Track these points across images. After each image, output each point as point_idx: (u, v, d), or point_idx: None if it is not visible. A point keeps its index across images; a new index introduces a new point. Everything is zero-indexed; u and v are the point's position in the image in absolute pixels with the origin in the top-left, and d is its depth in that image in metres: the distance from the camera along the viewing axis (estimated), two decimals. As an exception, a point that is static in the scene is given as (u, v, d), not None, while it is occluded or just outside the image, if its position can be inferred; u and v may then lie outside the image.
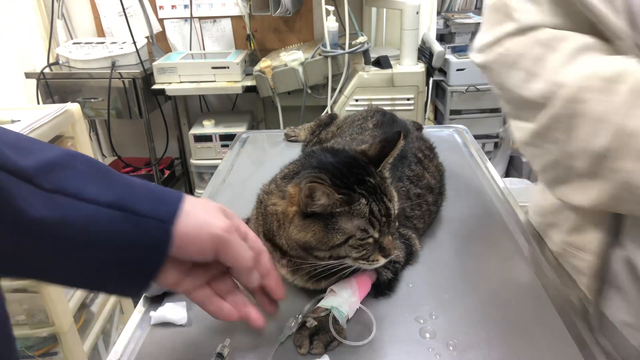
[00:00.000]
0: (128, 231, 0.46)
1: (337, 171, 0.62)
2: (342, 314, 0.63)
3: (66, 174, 0.45)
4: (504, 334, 0.64)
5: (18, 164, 0.42)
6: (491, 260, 0.79)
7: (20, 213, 0.41)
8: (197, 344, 0.64)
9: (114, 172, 0.49)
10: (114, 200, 0.46)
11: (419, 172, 0.84)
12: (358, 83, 2.10)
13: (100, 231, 0.45)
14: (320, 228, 0.61)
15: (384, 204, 0.62)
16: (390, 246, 0.63)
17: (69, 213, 0.43)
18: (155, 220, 0.47)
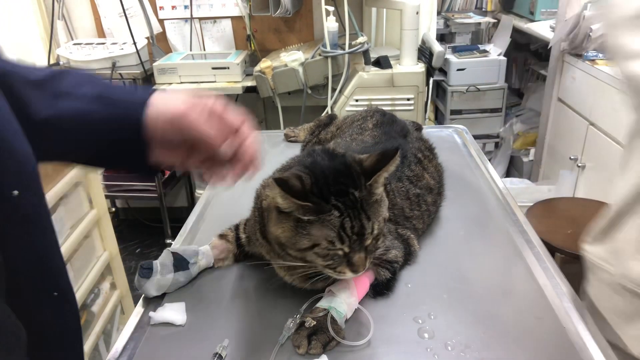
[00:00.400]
0: (109, 117, 0.56)
1: (323, 177, 0.60)
2: (340, 314, 0.63)
3: (64, 80, 0.57)
4: (502, 334, 0.64)
5: (32, 75, 0.55)
6: (490, 260, 0.79)
7: (31, 116, 0.54)
8: (196, 344, 0.64)
9: (99, 78, 0.60)
10: (98, 93, 0.57)
11: (418, 173, 0.84)
12: (358, 83, 2.10)
13: (89, 120, 0.56)
14: (290, 227, 0.61)
15: (359, 221, 0.59)
16: (360, 263, 0.61)
17: (65, 109, 0.55)
18: (130, 103, 0.57)
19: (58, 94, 0.56)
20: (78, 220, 1.65)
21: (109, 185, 2.62)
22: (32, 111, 0.54)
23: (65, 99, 0.56)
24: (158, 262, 0.72)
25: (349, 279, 0.67)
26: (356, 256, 0.61)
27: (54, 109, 0.55)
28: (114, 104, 0.57)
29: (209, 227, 0.91)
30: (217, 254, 0.78)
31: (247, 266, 0.79)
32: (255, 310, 0.69)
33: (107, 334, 1.83)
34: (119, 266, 1.89)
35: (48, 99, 0.56)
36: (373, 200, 0.62)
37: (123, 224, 3.11)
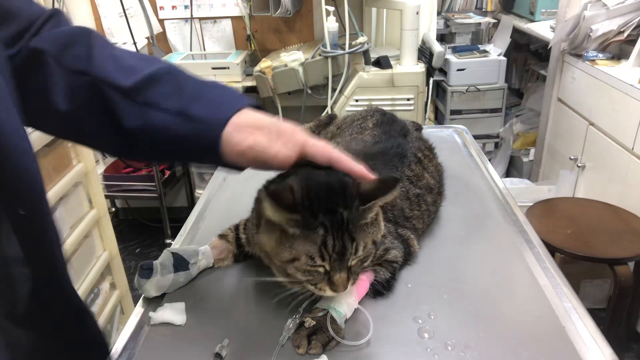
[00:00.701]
0: (186, 134, 0.58)
1: (315, 191, 0.59)
2: (339, 314, 0.63)
3: (153, 89, 0.59)
4: (502, 334, 0.64)
5: (122, 82, 0.58)
6: (490, 260, 0.79)
7: (120, 122, 0.58)
8: (195, 344, 0.64)
9: (189, 83, 0.62)
10: (180, 109, 0.58)
11: (418, 172, 0.84)
12: (358, 83, 2.10)
13: (169, 134, 0.58)
14: (275, 238, 0.61)
15: (341, 242, 0.58)
16: (340, 283, 0.60)
17: (150, 121, 0.58)
18: (207, 124, 0.59)
19: (145, 104, 0.58)
20: (78, 220, 1.65)
21: (108, 185, 2.62)
22: (122, 120, 0.58)
23: (152, 110, 0.58)
24: (158, 262, 0.72)
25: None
26: (337, 275, 0.60)
27: (141, 120, 0.58)
28: (193, 122, 0.58)
29: (208, 227, 0.91)
30: (217, 254, 0.78)
31: (247, 266, 0.79)
32: (255, 310, 0.69)
33: (107, 334, 1.83)
34: (118, 266, 1.90)
35: (136, 109, 0.58)
36: (362, 222, 0.61)
37: (123, 223, 3.11)
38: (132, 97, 0.58)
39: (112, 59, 0.60)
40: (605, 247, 1.66)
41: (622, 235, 1.70)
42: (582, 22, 2.11)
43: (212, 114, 0.59)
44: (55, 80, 0.58)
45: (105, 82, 0.58)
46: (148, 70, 0.60)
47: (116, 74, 0.58)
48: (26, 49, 0.58)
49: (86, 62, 0.59)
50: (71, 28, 0.63)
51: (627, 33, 2.05)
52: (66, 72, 0.58)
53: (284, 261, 0.60)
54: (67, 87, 0.58)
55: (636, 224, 1.74)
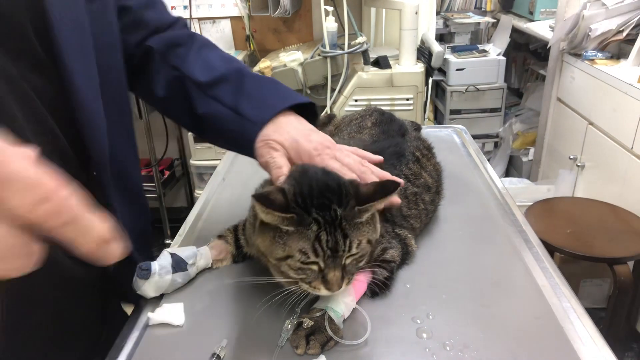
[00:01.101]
0: (233, 127, 0.73)
1: (308, 188, 0.60)
2: (337, 314, 0.63)
3: (222, 86, 0.75)
4: (501, 334, 0.64)
5: (200, 79, 0.75)
6: (489, 260, 0.79)
7: (194, 109, 0.75)
8: (194, 344, 0.64)
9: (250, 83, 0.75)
10: (234, 105, 0.73)
11: (416, 171, 0.84)
12: (357, 83, 2.10)
13: (224, 121, 0.74)
14: (270, 237, 0.61)
15: (334, 238, 0.59)
16: (334, 281, 0.60)
17: (213, 111, 0.74)
18: (251, 122, 0.71)
19: (212, 97, 0.74)
20: (77, 221, 1.65)
21: (108, 186, 2.62)
22: (195, 108, 0.75)
23: (215, 103, 0.74)
24: (156, 263, 0.72)
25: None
26: (331, 273, 0.60)
27: (207, 109, 0.74)
28: (240, 117, 0.72)
29: (208, 228, 0.91)
30: (215, 255, 0.78)
31: (245, 267, 0.79)
32: (254, 311, 0.69)
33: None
34: (118, 267, 1.89)
35: (205, 100, 0.74)
36: (357, 221, 0.61)
37: (122, 224, 3.11)
38: (204, 90, 0.74)
39: (200, 59, 0.77)
40: (605, 246, 1.66)
41: (621, 235, 1.71)
42: (581, 22, 2.11)
43: (256, 115, 0.72)
44: (158, 72, 0.77)
45: (188, 77, 0.75)
46: (222, 70, 0.76)
47: (198, 72, 0.75)
48: (144, 46, 0.77)
49: (181, 60, 0.76)
50: (180, 32, 0.81)
51: (626, 32, 2.05)
52: (167, 67, 0.77)
53: (278, 259, 0.61)
54: (165, 78, 0.77)
55: (636, 224, 1.74)
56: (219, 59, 0.78)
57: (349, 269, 0.62)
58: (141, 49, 0.77)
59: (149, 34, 0.78)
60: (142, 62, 0.78)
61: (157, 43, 0.77)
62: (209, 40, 0.82)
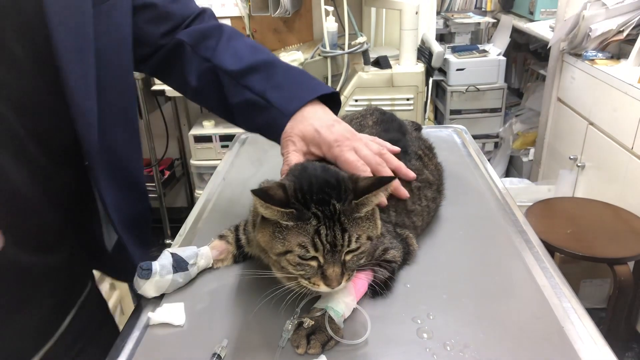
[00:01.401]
0: (264, 114, 0.77)
1: (308, 184, 0.61)
2: (337, 314, 0.63)
3: (253, 76, 0.78)
4: (502, 334, 0.64)
5: (231, 68, 0.78)
6: (489, 260, 0.79)
7: (226, 99, 0.80)
8: (194, 344, 0.64)
9: (280, 73, 0.79)
10: (263, 92, 0.77)
11: (419, 167, 0.84)
12: (357, 83, 2.10)
13: (254, 109, 0.78)
14: (270, 232, 0.62)
15: (333, 232, 0.59)
16: (334, 277, 0.60)
17: (244, 98, 0.78)
18: (279, 111, 0.76)
19: (244, 86, 0.78)
20: (77, 221, 1.65)
21: (108, 186, 2.62)
22: (227, 96, 0.79)
23: (246, 91, 0.77)
24: (157, 263, 0.72)
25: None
26: (330, 269, 0.60)
27: (239, 97, 0.78)
28: (270, 106, 0.76)
29: (208, 228, 0.91)
30: (216, 255, 0.78)
31: (246, 267, 0.79)
32: (254, 311, 0.69)
33: (106, 334, 1.83)
34: (118, 266, 1.89)
35: (238, 88, 0.78)
36: (356, 216, 0.61)
37: (123, 224, 3.11)
38: (236, 79, 0.78)
39: (230, 50, 0.80)
40: (605, 246, 1.66)
41: (621, 235, 1.71)
42: (582, 22, 2.11)
43: (285, 105, 0.76)
44: (190, 63, 0.81)
45: (220, 68, 0.79)
46: (252, 60, 0.79)
47: (229, 62, 0.79)
48: (173, 40, 0.80)
49: (212, 51, 0.80)
50: (209, 24, 0.83)
51: (626, 32, 2.05)
52: (198, 58, 0.80)
53: (278, 254, 0.61)
54: (197, 69, 0.80)
55: (636, 224, 1.74)
56: (249, 48, 0.82)
57: (349, 266, 0.62)
58: (172, 42, 0.81)
59: (176, 25, 0.81)
60: (174, 55, 0.81)
61: (188, 36, 0.80)
62: (237, 31, 0.86)
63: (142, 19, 0.78)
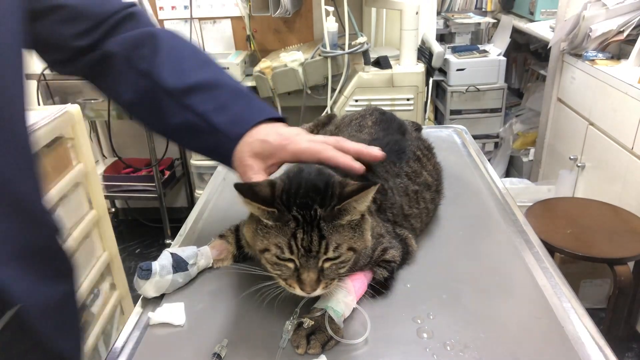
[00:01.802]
0: (208, 137, 0.71)
1: (296, 187, 0.61)
2: (337, 313, 0.63)
3: (196, 95, 0.70)
4: (502, 334, 0.64)
5: (172, 85, 0.70)
6: (489, 260, 0.79)
7: (164, 118, 0.72)
8: (194, 344, 0.64)
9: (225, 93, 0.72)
10: (207, 114, 0.70)
11: (417, 169, 0.84)
12: (358, 83, 2.10)
13: (196, 132, 0.71)
14: (253, 228, 0.63)
15: (309, 237, 0.59)
16: (308, 282, 0.60)
17: (185, 120, 0.70)
18: (225, 135, 0.70)
19: (185, 106, 0.70)
20: (78, 221, 1.65)
21: (108, 186, 2.62)
22: (165, 116, 0.72)
23: (187, 113, 0.70)
24: (157, 263, 0.72)
25: (346, 278, 0.67)
26: (305, 274, 0.60)
27: (178, 119, 0.71)
28: (215, 130, 0.70)
29: (208, 228, 0.91)
30: (216, 255, 0.78)
31: (245, 267, 0.79)
32: (255, 310, 0.69)
33: (106, 334, 1.83)
34: (118, 267, 1.89)
35: (177, 108, 0.70)
36: (337, 223, 0.60)
37: (122, 224, 3.12)
38: (177, 98, 0.70)
39: (170, 62, 0.72)
40: (605, 246, 1.66)
41: (621, 235, 1.70)
42: (582, 22, 2.11)
43: (231, 129, 0.70)
44: (123, 76, 0.72)
45: (158, 84, 0.70)
46: (196, 77, 0.71)
47: (169, 78, 0.70)
48: (101, 50, 0.71)
49: (149, 64, 0.71)
50: (142, 31, 0.73)
51: (626, 33, 2.05)
52: (134, 71, 0.71)
53: (258, 250, 0.62)
54: (133, 83, 0.72)
55: (636, 224, 1.74)
56: (193, 61, 0.74)
57: (327, 274, 0.61)
58: (99, 52, 0.71)
59: (93, 25, 0.71)
60: (102, 66, 0.72)
61: (119, 46, 0.71)
62: (177, 36, 0.77)
63: (52, 21, 0.69)
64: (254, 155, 0.69)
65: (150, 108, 0.73)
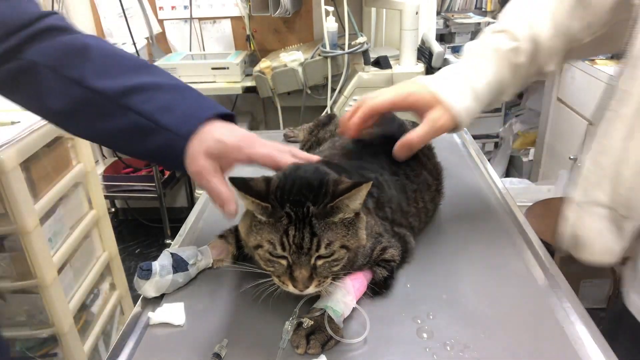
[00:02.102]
0: (155, 138, 0.67)
1: (291, 183, 0.61)
2: (337, 313, 0.63)
3: (137, 96, 0.68)
4: (501, 334, 0.64)
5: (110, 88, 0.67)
6: (489, 260, 0.79)
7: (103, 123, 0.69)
8: (194, 344, 0.64)
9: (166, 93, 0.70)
10: (151, 113, 0.67)
11: (416, 169, 0.84)
12: (358, 83, 2.10)
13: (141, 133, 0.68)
14: (248, 224, 0.63)
15: (301, 234, 0.59)
16: (300, 280, 0.60)
17: (128, 122, 0.67)
18: (174, 134, 0.67)
19: (126, 107, 0.67)
20: (77, 221, 1.65)
21: (108, 186, 2.62)
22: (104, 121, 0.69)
23: (130, 114, 0.67)
24: (157, 263, 0.72)
25: (346, 278, 0.67)
26: (297, 271, 0.60)
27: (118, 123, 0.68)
28: (160, 128, 0.67)
29: (208, 228, 0.91)
30: (216, 255, 0.78)
31: (245, 267, 0.79)
32: (254, 310, 0.69)
33: (106, 334, 1.83)
34: (118, 267, 1.90)
35: (118, 111, 0.68)
36: (329, 220, 0.60)
37: (122, 224, 3.12)
38: (115, 101, 0.67)
39: (104, 67, 0.69)
40: (605, 246, 1.65)
41: (621, 235, 1.70)
42: (582, 22, 2.10)
43: (179, 125, 0.67)
44: (49, 86, 0.68)
45: (93, 88, 0.67)
46: (134, 80, 0.69)
47: (105, 81, 0.68)
48: (19, 60, 0.68)
49: (80, 70, 0.68)
50: (70, 38, 0.70)
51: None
52: (61, 79, 0.68)
53: (253, 246, 0.63)
54: (60, 91, 0.68)
55: (636, 224, 1.74)
56: (129, 65, 0.71)
57: (320, 272, 0.61)
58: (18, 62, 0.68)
59: (7, 32, 0.67)
60: (23, 76, 0.69)
61: (43, 55, 0.68)
62: (107, 43, 0.74)
63: None
64: (208, 155, 0.67)
65: (85, 115, 0.70)
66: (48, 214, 1.45)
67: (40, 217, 1.37)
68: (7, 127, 1.35)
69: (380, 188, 0.76)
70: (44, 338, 1.54)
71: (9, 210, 1.30)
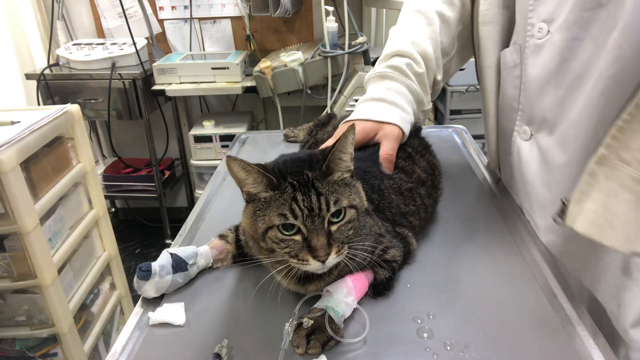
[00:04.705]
0: None
1: (284, 163, 0.65)
2: (337, 313, 0.63)
3: None
4: (502, 334, 0.64)
5: None
6: (489, 260, 0.79)
7: None
8: (195, 344, 0.64)
9: None
10: None
11: (407, 167, 0.84)
12: (358, 83, 2.10)
13: None
14: (251, 214, 0.63)
15: (309, 197, 0.60)
16: (320, 247, 0.60)
17: None
18: None
19: None
20: (78, 221, 1.65)
21: (108, 186, 2.63)
22: None
23: None
24: (157, 263, 0.72)
25: (347, 278, 0.67)
26: (315, 239, 0.60)
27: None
28: None
29: (208, 227, 0.91)
30: (216, 255, 0.78)
31: (245, 266, 0.79)
32: (254, 310, 0.69)
33: (106, 334, 1.83)
34: (118, 266, 1.90)
35: None
36: (330, 180, 0.63)
37: (122, 224, 3.12)
38: None
39: None
40: (605, 246, 1.65)
41: (621, 235, 1.70)
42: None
43: None
44: None
45: None
46: None
47: None
48: None
49: None
50: None
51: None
52: None
53: (261, 233, 0.62)
54: None
55: (636, 224, 1.74)
56: None
57: (337, 237, 0.62)
58: None
59: None
60: None
61: None
62: None
63: None
64: None
65: None
66: (48, 214, 1.45)
67: (40, 217, 1.37)
68: (7, 127, 1.35)
69: (380, 193, 0.76)
70: (44, 338, 1.54)
71: (9, 210, 1.30)
